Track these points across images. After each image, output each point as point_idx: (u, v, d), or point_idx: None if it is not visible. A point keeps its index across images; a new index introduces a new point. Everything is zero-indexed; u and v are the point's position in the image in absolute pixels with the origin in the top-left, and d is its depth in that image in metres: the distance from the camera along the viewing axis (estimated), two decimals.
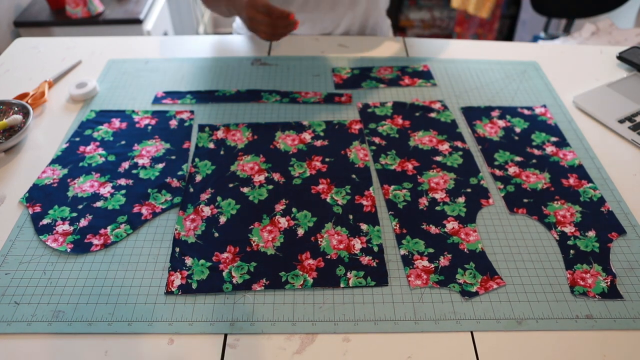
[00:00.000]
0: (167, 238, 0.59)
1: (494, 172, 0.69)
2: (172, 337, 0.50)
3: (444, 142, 0.74)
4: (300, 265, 0.56)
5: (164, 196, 0.64)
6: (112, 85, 0.86)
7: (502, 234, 0.60)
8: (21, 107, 0.75)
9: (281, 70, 0.90)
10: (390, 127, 0.77)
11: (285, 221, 0.61)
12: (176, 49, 0.96)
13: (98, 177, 0.67)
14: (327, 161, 0.70)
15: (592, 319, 0.51)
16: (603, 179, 0.68)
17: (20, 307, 0.52)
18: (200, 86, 0.86)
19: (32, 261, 0.56)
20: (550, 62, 0.93)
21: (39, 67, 0.90)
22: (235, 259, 0.57)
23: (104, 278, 0.55)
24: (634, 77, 0.87)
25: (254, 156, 0.71)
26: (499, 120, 0.78)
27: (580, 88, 0.85)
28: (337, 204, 0.63)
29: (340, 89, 0.85)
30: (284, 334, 0.50)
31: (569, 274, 0.56)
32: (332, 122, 0.77)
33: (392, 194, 0.65)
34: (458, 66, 0.91)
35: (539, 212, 0.63)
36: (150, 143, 0.73)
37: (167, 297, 0.53)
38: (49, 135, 0.75)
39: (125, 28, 1.54)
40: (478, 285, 0.54)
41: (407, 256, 0.57)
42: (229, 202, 0.64)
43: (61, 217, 0.61)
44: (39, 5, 1.59)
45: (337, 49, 0.96)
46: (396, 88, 0.86)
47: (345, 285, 0.54)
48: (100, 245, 0.58)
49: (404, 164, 0.70)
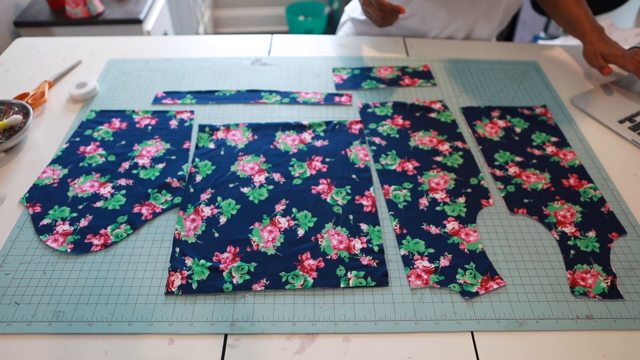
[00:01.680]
0: (167, 238, 0.59)
1: (494, 172, 0.69)
2: (172, 337, 0.50)
3: (444, 142, 0.74)
4: (300, 265, 0.56)
5: (164, 196, 0.64)
6: (112, 85, 0.86)
7: (502, 234, 0.60)
8: (21, 107, 0.75)
9: (281, 70, 0.90)
10: (390, 127, 0.77)
11: (285, 221, 0.61)
12: (176, 49, 0.96)
13: (98, 177, 0.67)
14: (327, 161, 0.70)
15: (593, 319, 0.51)
16: (603, 179, 0.68)
17: (21, 307, 0.52)
18: (200, 86, 0.86)
19: (32, 261, 0.56)
20: (550, 62, 0.93)
21: (39, 67, 0.90)
22: (236, 259, 0.57)
23: (104, 278, 0.55)
24: (634, 77, 0.87)
25: (254, 156, 0.71)
26: (499, 121, 0.78)
27: (580, 88, 0.85)
28: (337, 204, 0.63)
29: (340, 89, 0.85)
30: (284, 334, 0.50)
31: (569, 274, 0.55)
32: (332, 122, 0.77)
33: (393, 194, 0.65)
34: (458, 66, 0.91)
35: (539, 212, 0.63)
36: (151, 143, 0.73)
37: (167, 297, 0.53)
38: (49, 135, 0.75)
39: (125, 28, 1.54)
40: (478, 286, 0.54)
41: (408, 256, 0.57)
42: (229, 202, 0.64)
43: (61, 217, 0.61)
44: (39, 5, 1.59)
45: (337, 49, 0.96)
46: (396, 88, 0.86)
47: (345, 286, 0.54)
48: (101, 245, 0.58)
49: (404, 164, 0.70)
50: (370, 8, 0.80)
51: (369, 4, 0.80)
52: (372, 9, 0.79)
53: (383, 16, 0.79)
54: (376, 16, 0.80)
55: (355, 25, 1.08)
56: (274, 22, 2.66)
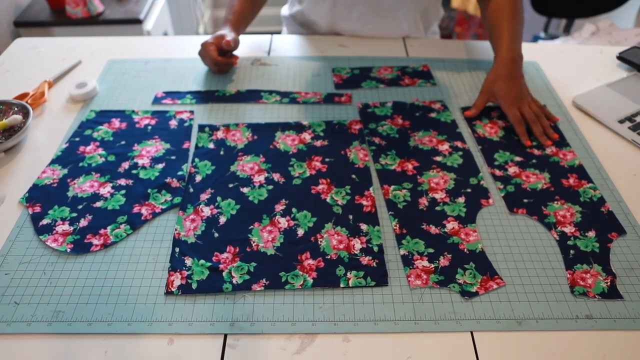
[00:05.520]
0: (167, 238, 0.59)
1: (494, 172, 0.69)
2: (172, 337, 0.50)
3: (444, 142, 0.74)
4: (300, 265, 0.56)
5: (164, 196, 0.64)
6: (112, 85, 0.86)
7: (502, 234, 0.60)
8: (21, 107, 0.75)
9: (281, 70, 0.90)
10: (390, 127, 0.77)
11: (285, 221, 0.61)
12: (176, 49, 0.96)
13: (98, 177, 0.67)
14: (327, 161, 0.70)
15: (592, 319, 0.51)
16: (603, 179, 0.68)
17: (20, 307, 0.52)
18: (200, 86, 0.86)
19: (32, 261, 0.56)
20: (550, 62, 0.93)
21: (39, 67, 0.90)
22: (235, 259, 0.57)
23: (104, 278, 0.55)
24: (634, 77, 0.87)
25: (253, 156, 0.71)
26: (499, 120, 0.78)
27: (580, 88, 0.85)
28: (337, 204, 0.63)
29: (340, 89, 0.85)
30: (284, 334, 0.50)
31: (569, 274, 0.55)
32: (332, 122, 0.77)
33: (392, 194, 0.65)
34: (458, 66, 0.91)
35: (539, 212, 0.63)
36: (150, 143, 0.73)
37: (167, 297, 0.53)
38: (49, 135, 0.75)
39: (125, 28, 1.54)
40: (478, 286, 0.54)
41: (407, 256, 0.57)
42: (228, 202, 0.64)
43: (61, 217, 0.61)
44: (39, 5, 1.59)
45: (337, 49, 0.96)
46: (396, 88, 0.86)
47: (345, 286, 0.54)
48: (100, 245, 0.58)
49: (403, 164, 0.70)
50: (206, 60, 0.85)
51: (205, 57, 0.85)
52: (207, 61, 0.85)
53: (218, 69, 0.86)
54: (211, 65, 0.85)
55: (288, 24, 1.11)
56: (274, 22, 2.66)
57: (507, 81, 0.76)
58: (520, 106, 0.75)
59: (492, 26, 0.83)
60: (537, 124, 0.74)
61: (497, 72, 0.78)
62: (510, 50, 0.78)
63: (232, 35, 0.85)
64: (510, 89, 0.76)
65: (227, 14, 0.92)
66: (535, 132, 0.74)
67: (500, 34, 0.80)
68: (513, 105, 0.75)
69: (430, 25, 1.06)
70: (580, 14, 1.79)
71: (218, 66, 0.85)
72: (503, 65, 0.77)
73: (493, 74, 0.78)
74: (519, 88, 0.76)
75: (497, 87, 0.77)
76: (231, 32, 0.86)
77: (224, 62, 0.85)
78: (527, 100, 0.77)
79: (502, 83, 0.76)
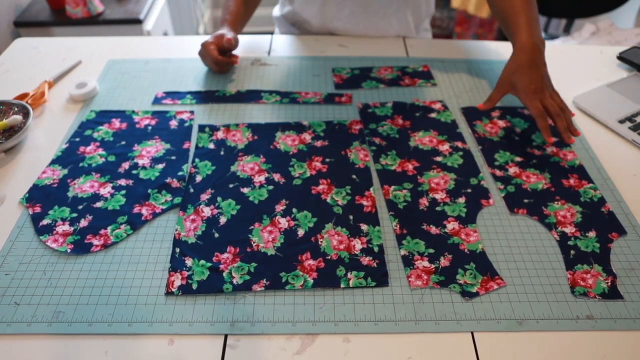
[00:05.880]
0: (167, 238, 0.59)
1: (494, 172, 0.69)
2: (172, 337, 0.50)
3: (444, 142, 0.74)
4: (300, 265, 0.56)
5: (164, 196, 0.64)
6: (112, 85, 0.86)
7: (502, 234, 0.60)
8: (21, 107, 0.75)
9: (281, 70, 0.90)
10: (390, 127, 0.77)
11: (285, 221, 0.61)
12: (176, 49, 0.96)
13: (98, 177, 0.67)
14: (327, 161, 0.70)
15: (593, 319, 0.51)
16: (603, 179, 0.68)
17: (20, 308, 0.52)
18: (200, 86, 0.86)
19: (32, 262, 0.56)
20: (550, 62, 0.93)
21: (39, 67, 0.90)
22: (236, 260, 0.57)
23: (104, 278, 0.55)
24: (634, 77, 0.87)
25: (254, 156, 0.71)
26: (499, 121, 0.78)
27: (580, 88, 0.85)
28: (337, 205, 0.63)
29: (340, 89, 0.85)
30: (284, 334, 0.50)
31: (570, 275, 0.55)
32: (332, 123, 0.77)
33: (393, 194, 0.65)
34: (458, 66, 0.91)
35: (540, 213, 0.63)
36: (151, 143, 0.73)
37: (167, 298, 0.53)
38: (49, 136, 0.75)
39: (125, 28, 1.54)
40: (478, 286, 0.54)
41: (408, 256, 0.57)
42: (229, 202, 0.64)
43: (61, 218, 0.61)
44: (39, 5, 1.59)
45: (337, 49, 0.96)
46: (396, 88, 0.86)
47: (345, 286, 0.54)
48: (100, 245, 0.58)
49: (404, 164, 0.70)
50: (207, 60, 0.85)
51: (205, 57, 0.85)
52: (208, 61, 0.85)
53: (218, 69, 0.86)
54: (212, 65, 0.85)
55: (280, 25, 1.11)
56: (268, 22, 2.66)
57: (529, 70, 0.69)
58: (543, 98, 0.69)
59: (505, 14, 0.75)
60: (561, 118, 0.68)
61: (517, 61, 0.71)
62: (531, 35, 0.71)
63: (232, 34, 0.85)
64: (532, 79, 0.69)
65: (224, 15, 0.92)
66: (559, 127, 0.68)
67: (517, 20, 0.72)
68: (535, 97, 0.68)
69: (421, 22, 1.06)
70: (580, 14, 1.80)
71: (219, 65, 0.85)
72: (524, 53, 0.70)
73: (513, 63, 0.71)
74: (540, 78, 0.70)
75: (518, 77, 0.70)
76: (230, 32, 0.86)
77: (225, 61, 0.85)
78: (548, 91, 0.71)
79: (523, 72, 0.70)
